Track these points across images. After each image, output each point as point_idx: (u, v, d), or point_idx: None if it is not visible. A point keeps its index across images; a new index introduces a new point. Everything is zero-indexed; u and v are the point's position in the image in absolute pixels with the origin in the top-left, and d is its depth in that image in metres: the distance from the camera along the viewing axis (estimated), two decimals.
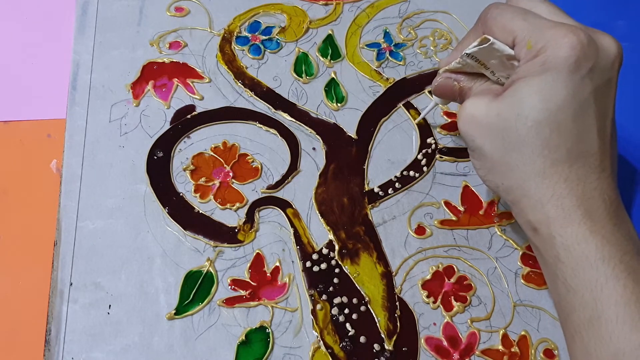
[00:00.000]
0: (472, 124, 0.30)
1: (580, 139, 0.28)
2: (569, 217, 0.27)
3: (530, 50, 0.28)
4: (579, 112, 0.28)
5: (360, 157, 0.40)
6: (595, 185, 0.28)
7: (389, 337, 0.34)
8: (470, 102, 0.31)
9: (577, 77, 0.27)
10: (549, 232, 0.28)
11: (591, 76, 0.27)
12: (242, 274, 0.36)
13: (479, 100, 0.30)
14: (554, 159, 0.28)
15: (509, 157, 0.29)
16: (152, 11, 0.45)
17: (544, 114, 0.27)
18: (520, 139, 0.28)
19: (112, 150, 0.39)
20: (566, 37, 0.27)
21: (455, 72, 0.33)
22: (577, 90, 0.27)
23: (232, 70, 0.43)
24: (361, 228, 0.38)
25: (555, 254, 0.28)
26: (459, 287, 0.36)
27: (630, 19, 0.48)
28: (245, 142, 0.40)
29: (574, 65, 0.27)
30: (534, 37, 0.28)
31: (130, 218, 0.37)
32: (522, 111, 0.28)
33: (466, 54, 0.31)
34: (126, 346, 0.33)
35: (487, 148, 0.30)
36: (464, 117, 0.31)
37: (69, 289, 0.34)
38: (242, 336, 0.34)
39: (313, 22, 0.46)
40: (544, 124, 0.28)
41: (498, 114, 0.29)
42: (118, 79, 0.41)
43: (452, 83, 0.33)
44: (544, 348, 0.35)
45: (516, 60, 0.30)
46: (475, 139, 0.30)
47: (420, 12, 0.47)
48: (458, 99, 0.34)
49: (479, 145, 0.30)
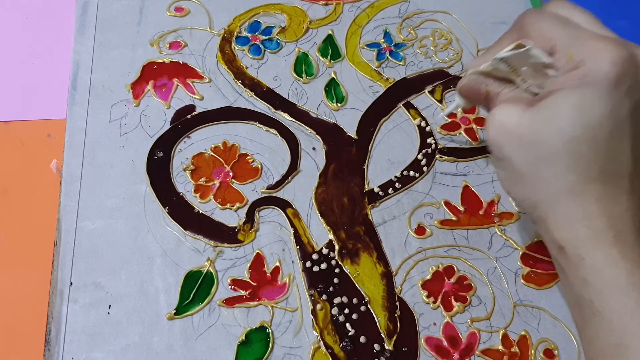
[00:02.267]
0: (502, 132, 0.29)
1: (614, 158, 0.27)
2: (599, 239, 0.26)
3: (569, 61, 0.27)
4: (616, 130, 0.27)
5: (360, 157, 0.40)
6: (627, 207, 0.27)
7: (389, 337, 0.34)
8: (502, 109, 0.29)
9: (617, 94, 0.26)
10: (577, 253, 0.27)
11: (630, 94, 0.27)
12: (242, 274, 0.36)
13: (511, 108, 0.29)
14: (587, 176, 0.27)
15: (539, 170, 0.28)
16: (152, 11, 0.45)
17: (581, 130, 0.26)
18: (554, 153, 0.27)
19: (112, 150, 0.39)
20: (608, 52, 0.26)
21: (484, 75, 0.32)
22: (616, 107, 0.26)
23: (232, 70, 0.43)
24: (361, 228, 0.38)
25: (583, 275, 0.27)
26: (459, 287, 0.36)
27: (632, 19, 0.48)
28: (245, 142, 0.40)
29: (615, 81, 0.26)
30: (574, 47, 0.27)
31: (131, 218, 0.37)
32: (559, 124, 0.27)
33: (499, 58, 0.29)
34: (126, 346, 0.33)
35: (516, 159, 0.28)
36: (494, 124, 0.29)
37: (69, 289, 0.34)
38: (242, 336, 0.34)
39: (313, 22, 0.46)
40: (581, 140, 0.26)
41: (531, 124, 0.28)
42: (118, 79, 0.42)
43: (479, 86, 0.32)
44: (544, 348, 0.35)
45: (552, 69, 0.29)
46: (503, 149, 0.29)
47: (420, 12, 0.47)
48: (483, 103, 0.33)
49: (507, 156, 0.29)
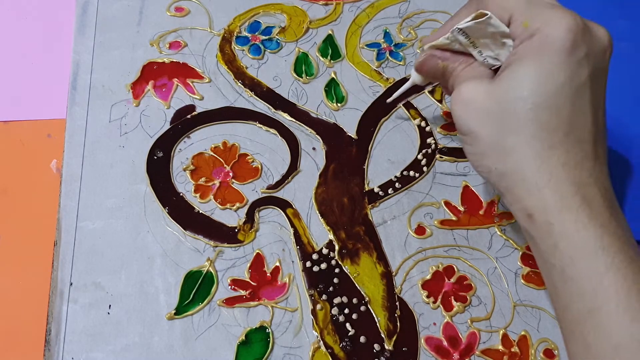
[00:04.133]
0: (468, 107, 0.30)
1: (576, 124, 0.28)
2: (566, 203, 0.27)
3: (526, 29, 0.28)
4: (576, 96, 0.27)
5: (360, 157, 0.40)
6: (591, 172, 0.27)
7: (389, 337, 0.34)
8: (467, 85, 0.30)
9: (574, 60, 0.27)
10: (546, 219, 0.27)
11: (587, 61, 0.27)
12: (242, 274, 0.36)
13: (475, 83, 0.30)
14: (551, 142, 0.27)
15: (505, 140, 0.28)
16: (152, 11, 0.45)
17: (543, 97, 0.27)
18: (519, 121, 0.28)
19: (112, 150, 0.39)
20: (563, 19, 0.27)
21: (441, 50, 0.32)
22: (574, 73, 0.27)
23: (232, 70, 0.43)
24: (361, 228, 0.38)
25: (553, 242, 0.27)
26: (459, 287, 0.36)
27: (631, 19, 0.48)
28: (245, 142, 0.40)
29: (571, 47, 0.27)
30: (531, 16, 0.28)
31: (131, 218, 0.37)
32: (521, 93, 0.28)
33: (458, 29, 0.30)
34: (126, 346, 0.33)
35: (483, 132, 0.29)
36: (460, 100, 0.30)
37: (69, 288, 0.34)
38: (242, 336, 0.34)
39: (313, 22, 0.46)
40: (543, 107, 0.27)
41: (496, 97, 0.29)
42: (118, 79, 0.42)
43: (436, 61, 0.32)
44: (544, 348, 0.35)
45: (509, 39, 0.29)
46: (469, 123, 0.30)
47: (420, 12, 0.47)
48: (441, 79, 0.33)
49: (473, 129, 0.30)
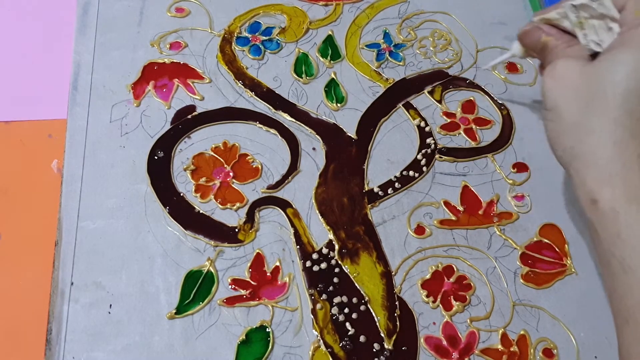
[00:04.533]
0: (560, 83, 0.30)
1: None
2: (635, 194, 0.27)
3: (636, 18, 0.28)
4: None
5: (360, 157, 0.40)
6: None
7: (389, 337, 0.34)
8: (564, 62, 0.31)
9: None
10: (612, 207, 0.27)
11: None
12: (243, 273, 0.36)
13: (573, 62, 0.30)
14: (633, 131, 0.28)
15: (589, 121, 0.29)
16: (153, 12, 0.45)
17: (635, 84, 0.27)
18: (607, 104, 0.28)
19: (112, 151, 0.39)
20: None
21: (548, 25, 0.33)
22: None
23: (233, 70, 0.43)
24: (361, 228, 0.38)
25: (616, 231, 0.27)
26: (458, 286, 0.36)
27: None
28: (246, 142, 0.40)
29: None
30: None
31: (131, 218, 0.37)
32: (615, 77, 0.28)
33: (571, 5, 0.30)
34: (127, 345, 0.33)
35: (569, 109, 0.30)
36: (554, 74, 0.31)
37: (70, 288, 0.34)
38: (242, 335, 0.34)
39: (313, 23, 0.46)
40: (634, 94, 0.27)
41: (590, 76, 0.29)
42: (119, 79, 0.42)
43: (540, 34, 0.33)
44: (543, 347, 0.35)
45: (617, 24, 0.30)
46: (557, 99, 0.30)
47: (419, 13, 0.47)
48: (540, 53, 0.34)
49: (559, 106, 0.30)
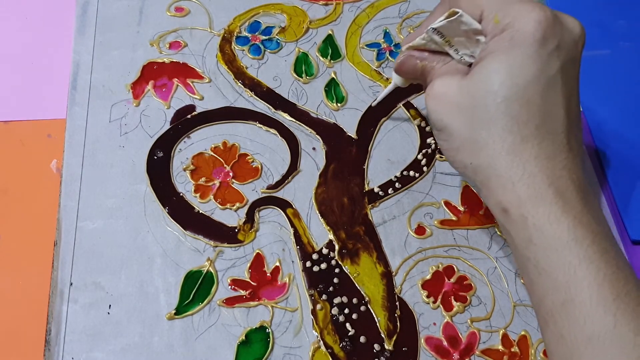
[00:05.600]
0: (442, 102, 0.30)
1: (548, 116, 0.28)
2: (540, 197, 0.27)
3: (497, 25, 0.28)
4: (547, 88, 0.27)
5: (360, 157, 0.40)
6: (564, 165, 0.27)
7: (389, 337, 0.34)
8: (440, 80, 0.31)
9: (544, 53, 0.27)
10: (520, 213, 0.27)
11: (557, 53, 0.27)
12: (242, 273, 0.36)
13: (449, 79, 0.30)
14: (523, 135, 0.27)
15: (478, 134, 0.28)
16: (152, 11, 0.45)
17: (513, 90, 0.27)
18: (490, 115, 0.28)
19: (112, 150, 0.39)
20: (533, 12, 0.27)
21: (419, 50, 0.32)
22: (545, 66, 0.27)
23: (232, 70, 0.43)
24: (361, 228, 0.38)
25: (527, 235, 0.27)
26: (459, 287, 0.36)
27: (631, 19, 0.48)
28: (245, 142, 0.40)
29: (541, 40, 0.27)
30: (501, 11, 0.28)
31: (131, 218, 0.37)
32: (491, 87, 0.28)
33: (432, 29, 0.30)
34: (126, 346, 0.33)
35: (456, 126, 0.29)
36: (433, 95, 0.30)
37: (69, 288, 0.34)
38: (242, 336, 0.34)
39: (313, 22, 0.46)
40: (513, 100, 0.27)
41: (468, 91, 0.29)
42: (118, 79, 0.42)
43: (415, 61, 0.32)
44: (544, 348, 0.35)
45: (482, 35, 0.29)
46: (443, 118, 0.30)
47: (420, 12, 0.47)
48: (420, 78, 0.33)
49: (447, 124, 0.30)
